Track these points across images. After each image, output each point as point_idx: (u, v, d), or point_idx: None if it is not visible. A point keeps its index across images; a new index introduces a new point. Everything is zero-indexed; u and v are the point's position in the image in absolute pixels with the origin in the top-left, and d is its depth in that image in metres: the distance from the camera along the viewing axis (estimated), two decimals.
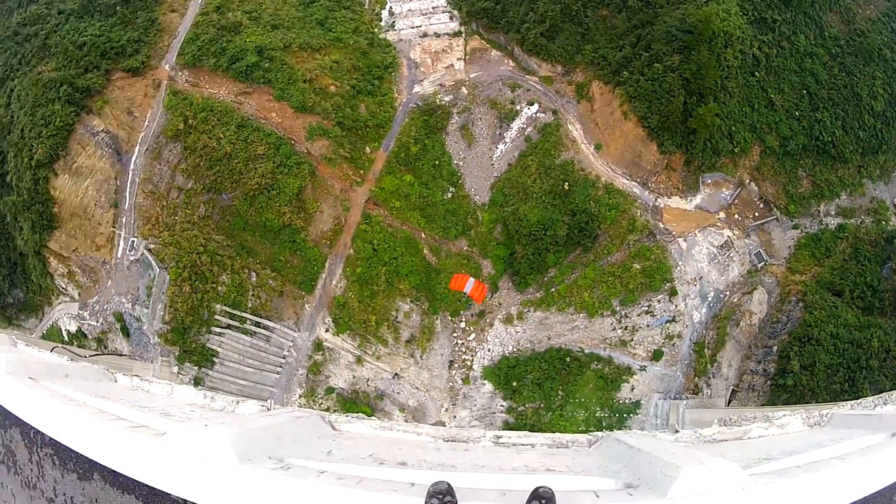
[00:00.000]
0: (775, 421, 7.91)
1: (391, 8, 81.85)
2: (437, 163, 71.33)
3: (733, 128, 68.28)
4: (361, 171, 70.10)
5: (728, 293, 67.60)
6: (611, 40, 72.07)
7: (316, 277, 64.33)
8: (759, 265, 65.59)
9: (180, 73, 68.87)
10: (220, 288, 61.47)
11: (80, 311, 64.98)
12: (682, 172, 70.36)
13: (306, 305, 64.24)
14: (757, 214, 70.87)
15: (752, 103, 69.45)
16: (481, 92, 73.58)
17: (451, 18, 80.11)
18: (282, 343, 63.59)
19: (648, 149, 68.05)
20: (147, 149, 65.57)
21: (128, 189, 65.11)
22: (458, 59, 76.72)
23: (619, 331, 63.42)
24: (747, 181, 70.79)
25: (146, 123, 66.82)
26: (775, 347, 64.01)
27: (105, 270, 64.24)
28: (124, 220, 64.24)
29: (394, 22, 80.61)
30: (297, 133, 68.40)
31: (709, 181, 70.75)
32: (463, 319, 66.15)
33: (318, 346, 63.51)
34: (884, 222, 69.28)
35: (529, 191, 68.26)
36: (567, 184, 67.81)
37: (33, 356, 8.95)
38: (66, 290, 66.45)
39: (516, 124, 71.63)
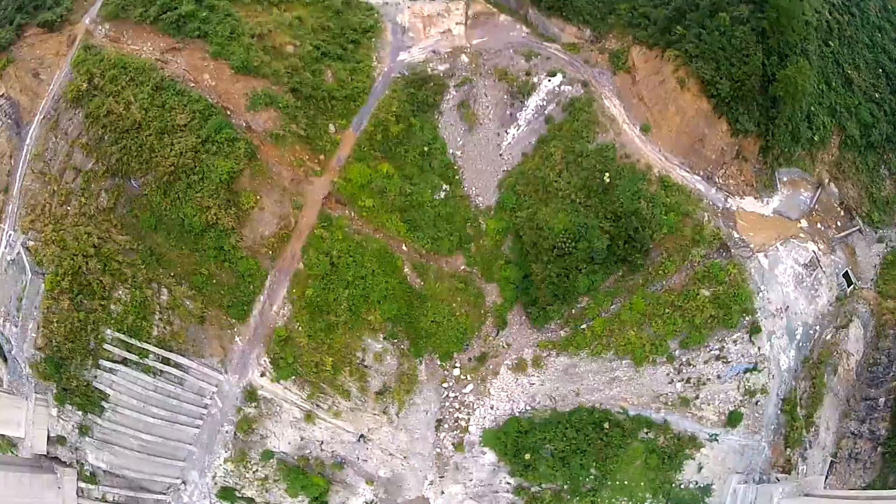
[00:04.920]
0: None
1: None
2: (426, 150, 54.98)
3: (812, 108, 55.65)
4: (321, 157, 53.45)
5: (818, 328, 53.70)
6: None
7: (251, 300, 50.53)
8: (849, 289, 55.46)
9: (100, 27, 55.12)
10: (113, 306, 48.49)
11: None
12: (756, 165, 54.80)
13: (237, 338, 50.36)
14: (839, 224, 57.87)
15: (828, 80, 57.92)
16: (487, 61, 57.73)
17: None
18: (201, 388, 50.21)
19: (715, 129, 51.53)
20: (44, 117, 53.30)
21: (20, 169, 52.89)
22: (456, 23, 61.57)
23: (679, 384, 50.24)
24: (826, 180, 57.97)
25: (50, 87, 54.32)
26: (881, 400, 52.46)
27: None
28: (10, 208, 52.04)
29: None
30: (236, 101, 52.30)
31: (785, 178, 56.13)
32: (457, 364, 53.01)
33: (251, 394, 49.91)
34: None
35: (553, 188, 52.11)
36: (607, 175, 51.13)
37: None
38: None
39: (533, 101, 56.13)
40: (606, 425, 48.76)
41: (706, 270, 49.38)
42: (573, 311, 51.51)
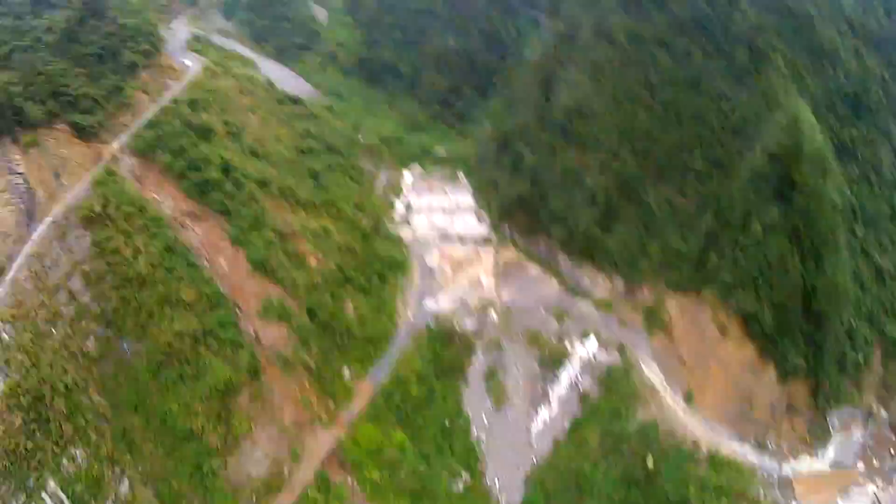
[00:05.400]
0: None
1: (408, 200, 69.41)
2: (447, 425, 50.46)
3: (853, 322, 52.22)
4: (331, 404, 49.48)
5: None
6: (681, 226, 54.87)
7: None
8: None
9: (127, 159, 54.79)
10: (65, 461, 41.47)
11: None
12: (808, 414, 50.77)
13: None
14: (893, 451, 52.98)
15: (861, 279, 54.29)
16: (517, 321, 55.75)
17: (479, 220, 67.03)
18: None
19: (762, 379, 48.61)
20: (55, 222, 50.36)
21: (18, 259, 48.32)
22: (486, 272, 61.01)
23: None
24: (875, 407, 54.15)
25: (67, 195, 52.32)
26: None
27: None
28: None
29: (409, 217, 67.34)
30: (247, 300, 50.01)
31: (837, 422, 52.23)
32: None
33: None
34: None
35: (588, 483, 46.88)
36: (650, 459, 46.66)
37: None
38: None
39: (566, 374, 52.66)
40: None
41: None
42: None
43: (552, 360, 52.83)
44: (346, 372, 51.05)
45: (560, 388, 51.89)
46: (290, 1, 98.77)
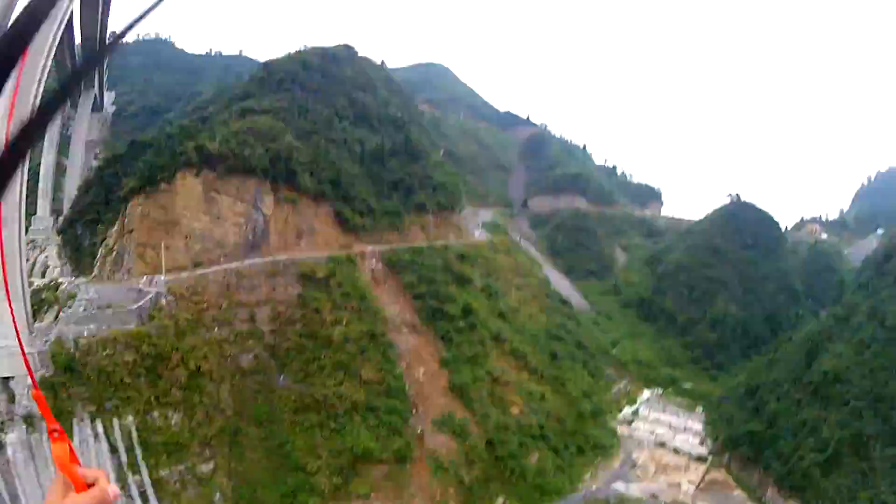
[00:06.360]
0: None
1: (640, 410, 72.36)
2: None
3: None
4: None
5: None
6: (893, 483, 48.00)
7: None
8: None
9: (374, 262, 61.51)
10: (155, 414, 42.46)
11: None
12: None
13: None
14: None
15: None
16: None
17: (700, 443, 66.43)
18: None
19: None
20: (273, 261, 56.30)
21: (218, 266, 53.49)
22: (690, 481, 59.00)
23: None
24: None
25: (299, 254, 58.55)
26: None
27: None
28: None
29: (632, 421, 70.00)
30: (427, 408, 53.01)
31: None
32: None
33: None
34: None
35: None
36: None
37: None
38: None
39: None
40: None
41: None
42: None
43: None
44: (500, 500, 50.58)
45: None
46: (599, 239, 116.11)
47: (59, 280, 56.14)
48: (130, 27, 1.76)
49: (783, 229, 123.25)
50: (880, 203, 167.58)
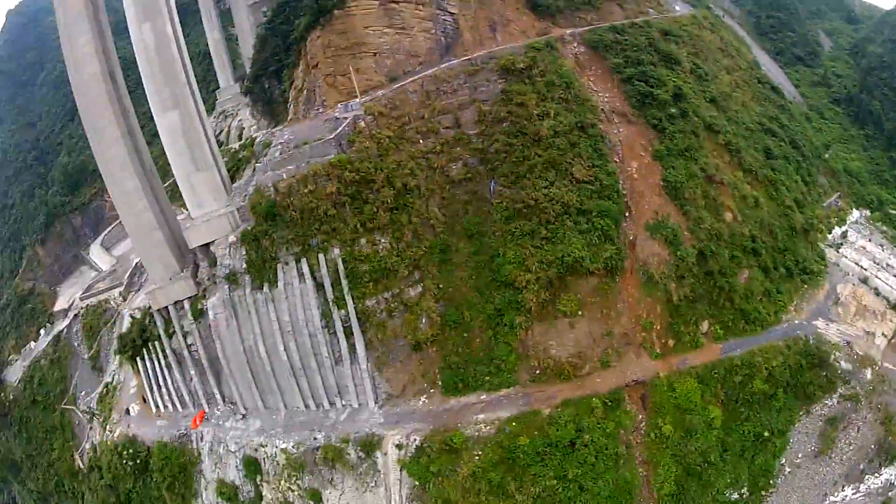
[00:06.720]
0: None
1: (847, 232, 62.23)
2: (763, 433, 43.76)
3: None
4: (671, 341, 45.11)
5: None
6: None
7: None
8: None
9: (576, 45, 55.72)
10: (363, 241, 43.04)
11: None
12: None
13: None
14: None
15: None
16: (883, 394, 45.73)
17: None
18: None
19: None
20: (471, 60, 53.41)
21: (416, 76, 52.12)
22: (883, 334, 52.52)
23: None
24: None
25: (497, 46, 55.92)
26: None
27: None
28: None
29: (841, 244, 60.40)
30: (641, 209, 47.91)
31: None
32: None
33: None
34: None
35: None
36: None
37: None
38: None
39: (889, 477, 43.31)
40: None
41: None
42: None
43: (889, 453, 44.01)
44: (705, 325, 46.19)
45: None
46: (804, 19, 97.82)
47: (254, 136, 58.46)
48: None
49: None
50: None
